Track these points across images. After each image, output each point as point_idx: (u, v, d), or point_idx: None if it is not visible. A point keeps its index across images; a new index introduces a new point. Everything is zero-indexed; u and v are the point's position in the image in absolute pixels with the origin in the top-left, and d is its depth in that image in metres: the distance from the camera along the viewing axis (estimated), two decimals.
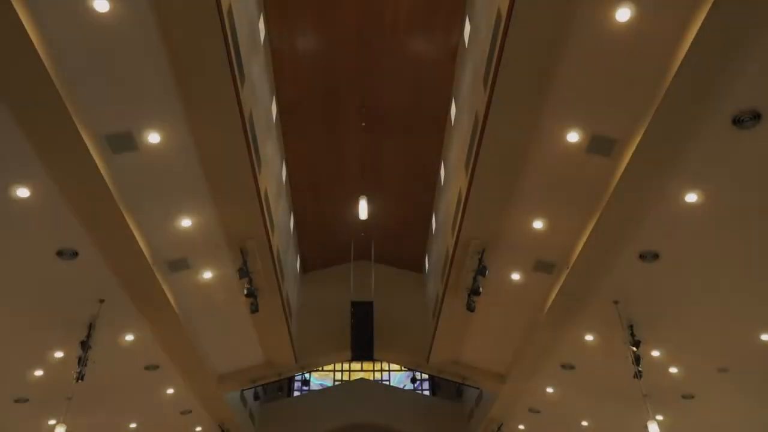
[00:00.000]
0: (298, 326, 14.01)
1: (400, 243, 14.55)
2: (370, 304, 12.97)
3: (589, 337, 10.87)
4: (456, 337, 12.23)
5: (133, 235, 8.16)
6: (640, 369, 10.09)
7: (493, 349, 12.60)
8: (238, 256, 9.43)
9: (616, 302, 9.81)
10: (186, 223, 8.74)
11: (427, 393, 19.35)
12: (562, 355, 11.60)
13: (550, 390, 13.02)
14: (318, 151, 11.94)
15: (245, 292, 9.50)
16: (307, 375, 19.90)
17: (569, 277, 9.26)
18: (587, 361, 11.62)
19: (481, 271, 9.34)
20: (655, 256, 8.61)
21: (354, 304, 12.92)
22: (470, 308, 10.06)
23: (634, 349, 9.89)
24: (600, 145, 7.45)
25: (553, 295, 9.87)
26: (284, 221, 11.80)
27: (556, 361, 11.83)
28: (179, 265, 9.41)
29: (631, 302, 9.70)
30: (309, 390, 19.58)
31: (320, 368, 19.71)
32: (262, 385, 13.34)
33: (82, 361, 9.56)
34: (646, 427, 13.77)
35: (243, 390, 13.38)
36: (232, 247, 9.46)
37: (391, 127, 11.35)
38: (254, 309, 9.92)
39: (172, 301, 9.68)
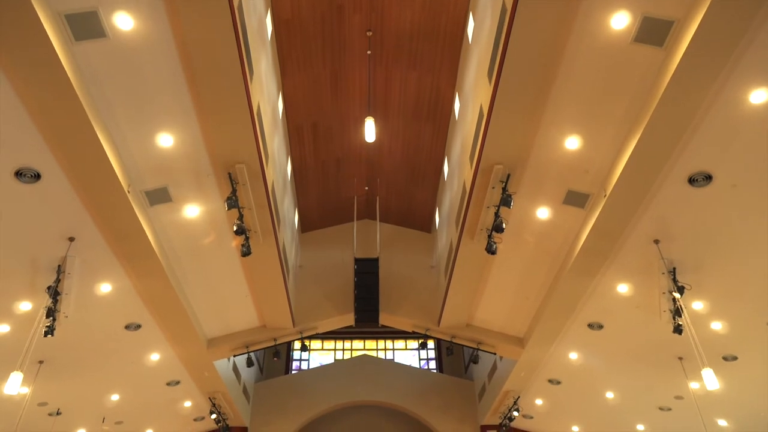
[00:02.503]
0: (297, 288, 12.83)
1: (408, 198, 13.36)
2: (375, 260, 11.77)
3: (622, 288, 9.68)
4: (471, 293, 11.03)
5: (104, 152, 7.00)
6: (680, 324, 8.94)
7: (511, 309, 11.41)
8: (228, 186, 8.24)
9: (656, 241, 8.65)
10: (166, 140, 7.56)
11: (434, 372, 18.15)
12: (590, 312, 10.41)
13: (573, 356, 11.82)
14: (318, 85, 10.75)
15: (235, 228, 8.30)
16: (306, 353, 18.72)
17: (605, 210, 8.09)
18: (618, 319, 10.43)
19: (505, 201, 8.16)
20: (708, 178, 7.46)
21: (358, 260, 11.72)
22: (491, 250, 8.87)
23: (677, 295, 8.70)
24: (651, 31, 6.29)
25: (584, 235, 8.70)
26: (281, 161, 10.61)
27: (582, 319, 10.64)
28: (159, 196, 8.22)
29: (675, 241, 8.54)
30: (308, 368, 18.39)
31: (319, 334, 18.45)
32: (255, 351, 12.09)
33: (51, 312, 8.34)
34: (678, 398, 12.63)
35: (235, 356, 12.12)
36: (221, 177, 8.29)
37: (400, 55, 10.17)
38: (246, 251, 8.72)
39: (152, 241, 8.50)
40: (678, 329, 9.03)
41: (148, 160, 7.70)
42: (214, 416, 13.33)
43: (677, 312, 8.91)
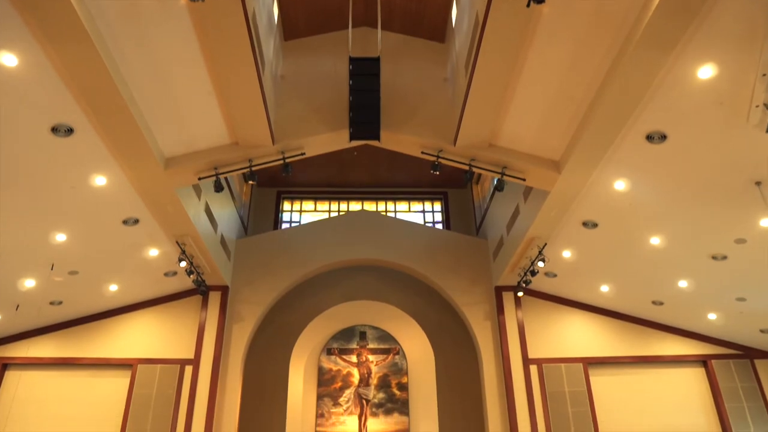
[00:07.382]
0: (278, 102, 10.37)
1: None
2: (376, 60, 9.22)
3: (704, 72, 7.19)
4: (500, 92, 8.57)
5: None
6: None
7: (549, 118, 9.02)
8: None
9: None
10: None
11: (442, 230, 16.07)
12: (653, 115, 8.00)
13: (619, 185, 9.54)
14: None
15: None
16: (297, 213, 16.66)
17: None
18: (688, 124, 8.03)
19: None
20: None
21: (353, 60, 9.17)
22: None
23: None
24: None
25: None
26: None
27: (641, 127, 8.25)
28: None
29: None
30: (299, 223, 16.41)
31: (310, 192, 16.46)
32: (227, 173, 9.77)
33: None
34: (739, 241, 10.48)
35: (200, 179, 9.80)
36: None
37: None
38: None
39: None
40: None
41: None
42: (183, 264, 11.27)
43: None
